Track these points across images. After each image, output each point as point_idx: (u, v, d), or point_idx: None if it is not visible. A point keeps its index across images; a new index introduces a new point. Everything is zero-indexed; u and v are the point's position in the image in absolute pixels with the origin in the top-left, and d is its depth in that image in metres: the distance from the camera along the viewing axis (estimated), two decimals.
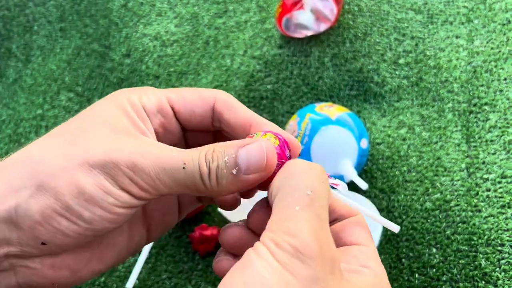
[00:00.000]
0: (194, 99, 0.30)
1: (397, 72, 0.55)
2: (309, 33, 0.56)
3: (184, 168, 0.26)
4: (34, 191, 0.25)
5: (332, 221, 0.29)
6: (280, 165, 0.27)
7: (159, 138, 0.30)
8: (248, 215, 0.29)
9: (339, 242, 0.28)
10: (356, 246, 0.27)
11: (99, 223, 0.26)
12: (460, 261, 0.45)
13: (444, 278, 0.45)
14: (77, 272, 0.28)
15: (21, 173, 0.25)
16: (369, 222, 0.46)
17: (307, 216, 0.23)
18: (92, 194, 0.25)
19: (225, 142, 0.27)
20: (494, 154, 0.49)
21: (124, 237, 0.30)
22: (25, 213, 0.25)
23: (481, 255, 0.45)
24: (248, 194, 0.31)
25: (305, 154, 0.48)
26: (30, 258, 0.26)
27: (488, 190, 0.47)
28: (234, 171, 0.26)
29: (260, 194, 0.30)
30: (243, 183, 0.27)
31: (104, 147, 0.26)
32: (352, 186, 0.49)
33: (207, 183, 0.26)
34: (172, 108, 0.30)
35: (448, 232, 0.46)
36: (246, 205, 0.32)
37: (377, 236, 0.47)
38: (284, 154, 0.28)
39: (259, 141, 0.27)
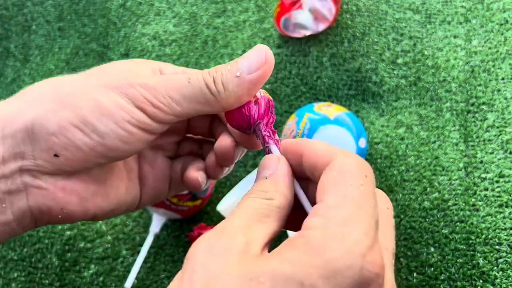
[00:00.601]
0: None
1: (395, 72, 0.55)
2: (307, 32, 0.56)
3: (189, 82, 0.28)
4: (54, 106, 0.27)
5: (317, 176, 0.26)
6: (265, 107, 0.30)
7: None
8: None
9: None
10: (314, 207, 0.24)
11: (111, 139, 0.27)
12: (458, 260, 0.45)
13: (442, 277, 0.45)
14: (83, 201, 0.29)
15: (43, 93, 0.28)
16: None
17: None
18: (109, 108, 0.27)
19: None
20: (492, 153, 0.49)
21: (124, 184, 0.32)
22: (41, 124, 0.27)
23: (479, 254, 0.45)
24: (249, 143, 0.32)
25: None
26: (42, 175, 0.28)
27: (486, 189, 0.47)
28: (238, 73, 0.28)
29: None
30: (248, 83, 0.28)
31: (121, 74, 0.29)
32: None
33: (214, 90, 0.28)
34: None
35: (446, 231, 0.47)
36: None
37: None
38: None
39: (255, 47, 0.29)
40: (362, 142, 0.49)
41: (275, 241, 0.25)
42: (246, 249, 0.22)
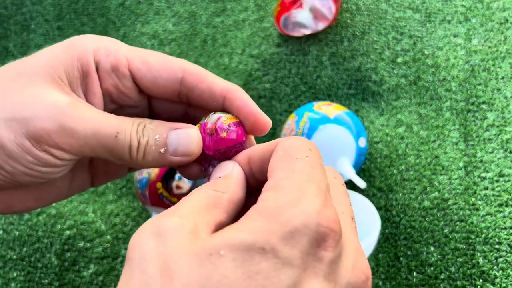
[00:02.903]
0: (159, 69, 0.29)
1: (395, 71, 0.55)
2: (307, 31, 0.56)
3: (116, 137, 0.26)
4: None
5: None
6: (235, 147, 0.28)
7: (112, 98, 0.29)
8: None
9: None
10: (264, 187, 0.24)
11: (22, 177, 0.26)
12: (458, 259, 0.45)
13: (442, 276, 0.45)
14: (11, 207, 0.28)
15: None
16: (368, 219, 0.47)
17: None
18: (12, 151, 0.25)
19: (157, 121, 0.28)
20: (491, 152, 0.49)
21: (65, 181, 0.30)
22: None
23: (479, 254, 0.45)
24: (189, 174, 0.31)
25: None
26: None
27: (486, 188, 0.47)
28: (162, 150, 0.27)
29: None
30: (168, 163, 0.27)
31: (33, 101, 0.25)
32: (350, 185, 0.49)
33: (134, 156, 0.27)
34: (131, 72, 0.29)
35: (446, 230, 0.47)
36: None
37: (375, 235, 0.47)
38: (240, 136, 0.28)
39: (190, 128, 0.27)
40: (362, 141, 0.49)
41: None
42: (196, 230, 0.21)
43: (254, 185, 0.27)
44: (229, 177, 0.26)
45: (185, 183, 0.48)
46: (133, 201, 0.54)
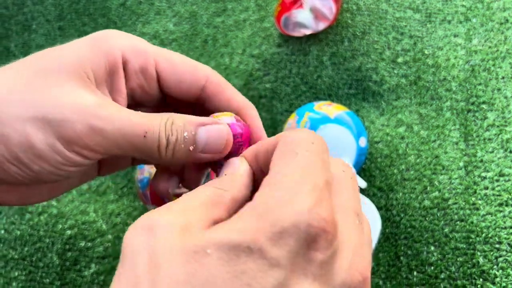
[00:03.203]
0: (185, 72, 0.29)
1: (395, 71, 0.55)
2: (307, 32, 0.56)
3: (145, 136, 0.26)
4: None
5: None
6: (237, 147, 0.28)
7: (135, 97, 0.30)
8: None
9: None
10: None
11: (48, 175, 0.26)
12: (458, 259, 0.45)
13: (442, 276, 0.45)
14: (25, 199, 0.29)
15: None
16: (369, 218, 0.47)
17: None
18: (42, 152, 0.25)
19: (184, 116, 0.27)
20: (492, 152, 0.49)
21: (76, 179, 0.31)
22: None
23: (479, 253, 0.45)
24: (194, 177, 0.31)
25: None
26: None
27: (486, 188, 0.47)
28: (191, 148, 0.27)
29: None
30: (197, 160, 0.27)
31: (62, 102, 0.25)
32: None
33: (163, 154, 0.26)
34: (157, 73, 0.29)
35: (446, 230, 0.47)
36: None
37: (375, 234, 0.47)
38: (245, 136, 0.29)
39: (219, 124, 0.27)
40: (362, 141, 0.49)
41: None
42: (187, 228, 0.21)
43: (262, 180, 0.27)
44: (235, 174, 0.26)
45: None
46: (134, 201, 0.54)
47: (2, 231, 0.55)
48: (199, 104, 0.31)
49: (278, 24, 0.57)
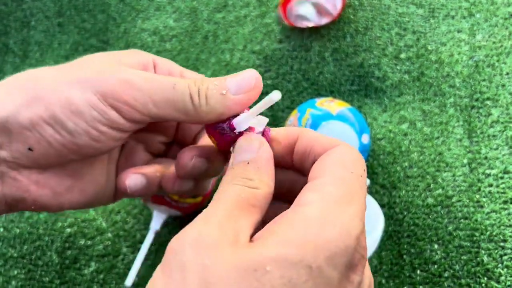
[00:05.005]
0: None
1: (398, 67, 0.54)
2: (310, 24, 0.56)
3: (174, 88, 0.27)
4: (27, 101, 0.26)
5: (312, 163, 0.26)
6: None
7: None
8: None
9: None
10: (308, 184, 0.24)
11: (82, 137, 0.27)
12: (462, 257, 0.45)
13: (446, 275, 0.45)
14: (58, 195, 0.29)
15: (18, 86, 0.27)
16: (372, 216, 0.46)
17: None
18: (79, 106, 0.26)
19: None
20: (496, 149, 0.49)
21: (104, 177, 0.32)
22: (14, 119, 0.26)
23: (483, 251, 0.44)
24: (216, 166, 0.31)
25: None
26: (18, 167, 0.28)
27: (490, 185, 0.47)
28: (224, 91, 0.27)
29: None
30: (232, 103, 0.27)
31: (101, 68, 0.27)
32: None
33: (196, 102, 0.27)
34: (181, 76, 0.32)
35: (450, 228, 0.46)
36: None
37: (378, 232, 0.46)
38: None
39: (247, 70, 0.28)
40: (365, 138, 0.48)
41: None
42: (236, 239, 0.21)
43: (287, 164, 0.27)
44: (260, 167, 0.25)
45: None
46: (133, 199, 0.54)
47: (1, 229, 0.55)
48: None
49: (284, 13, 0.56)
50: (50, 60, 0.64)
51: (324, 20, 0.56)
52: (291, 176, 0.28)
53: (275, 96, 0.25)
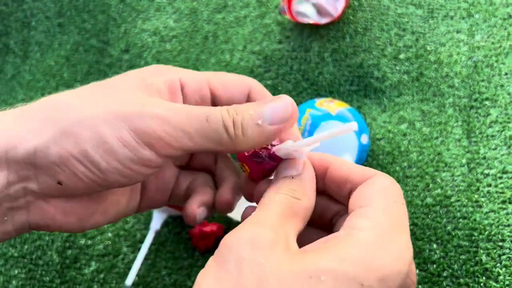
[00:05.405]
0: (234, 86, 0.31)
1: (397, 67, 0.55)
2: (310, 21, 0.56)
3: (207, 120, 0.26)
4: (56, 135, 0.25)
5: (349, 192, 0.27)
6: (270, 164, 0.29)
7: None
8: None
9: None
10: (357, 211, 0.25)
11: (113, 174, 0.26)
12: (461, 257, 0.45)
13: (445, 274, 0.45)
14: (82, 221, 0.29)
15: (45, 117, 0.26)
16: None
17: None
18: (113, 146, 0.25)
19: (243, 104, 0.29)
20: (495, 149, 0.49)
21: (125, 199, 0.32)
22: (43, 154, 0.25)
23: (482, 251, 0.45)
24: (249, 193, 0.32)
25: None
26: (45, 199, 0.27)
27: (489, 185, 0.47)
28: (259, 121, 0.27)
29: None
30: (268, 133, 0.27)
31: (131, 100, 0.26)
32: None
33: (232, 134, 0.27)
34: (212, 92, 0.31)
35: (448, 227, 0.46)
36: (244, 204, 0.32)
37: None
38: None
39: (281, 97, 0.28)
40: (364, 138, 0.48)
41: None
42: (288, 246, 0.22)
43: (319, 189, 0.28)
44: (303, 182, 0.27)
45: None
46: None
47: None
48: None
49: (289, 8, 0.55)
50: (51, 60, 0.64)
51: (324, 20, 0.56)
52: (322, 202, 0.29)
53: (350, 127, 0.26)
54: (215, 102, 0.32)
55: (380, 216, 0.24)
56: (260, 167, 0.29)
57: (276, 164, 0.29)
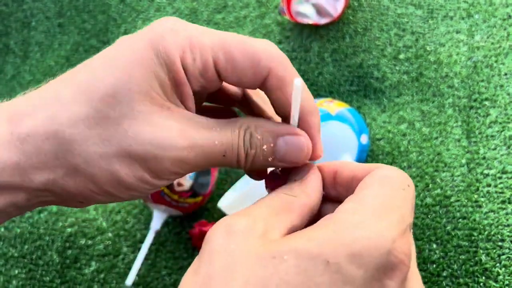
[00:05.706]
0: (246, 67, 0.26)
1: (397, 68, 0.55)
2: (310, 21, 0.56)
3: (224, 156, 0.26)
4: (69, 171, 0.24)
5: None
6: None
7: (198, 94, 0.28)
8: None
9: None
10: (349, 196, 0.25)
11: (129, 198, 0.27)
12: (460, 257, 0.45)
13: (444, 274, 0.45)
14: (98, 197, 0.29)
15: (52, 151, 0.24)
16: None
17: None
18: (131, 184, 0.25)
19: (261, 123, 0.27)
20: (494, 149, 0.49)
21: None
22: (62, 187, 0.25)
23: (481, 251, 0.45)
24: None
25: None
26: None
27: (489, 185, 0.47)
28: (270, 159, 0.27)
29: None
30: (273, 166, 0.28)
31: (143, 137, 0.24)
32: None
33: (242, 166, 0.27)
34: (217, 72, 0.27)
35: (448, 227, 0.46)
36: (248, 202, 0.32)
37: None
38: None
39: (299, 136, 0.27)
40: (364, 138, 0.49)
41: None
42: (266, 234, 0.22)
43: (334, 197, 0.27)
44: (305, 181, 0.26)
45: (186, 180, 0.48)
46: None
47: (2, 229, 0.55)
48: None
49: (288, 8, 0.55)
50: (51, 60, 0.64)
51: (324, 20, 0.56)
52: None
53: (297, 82, 0.25)
54: (220, 77, 0.28)
55: (368, 199, 0.22)
56: (276, 183, 0.29)
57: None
